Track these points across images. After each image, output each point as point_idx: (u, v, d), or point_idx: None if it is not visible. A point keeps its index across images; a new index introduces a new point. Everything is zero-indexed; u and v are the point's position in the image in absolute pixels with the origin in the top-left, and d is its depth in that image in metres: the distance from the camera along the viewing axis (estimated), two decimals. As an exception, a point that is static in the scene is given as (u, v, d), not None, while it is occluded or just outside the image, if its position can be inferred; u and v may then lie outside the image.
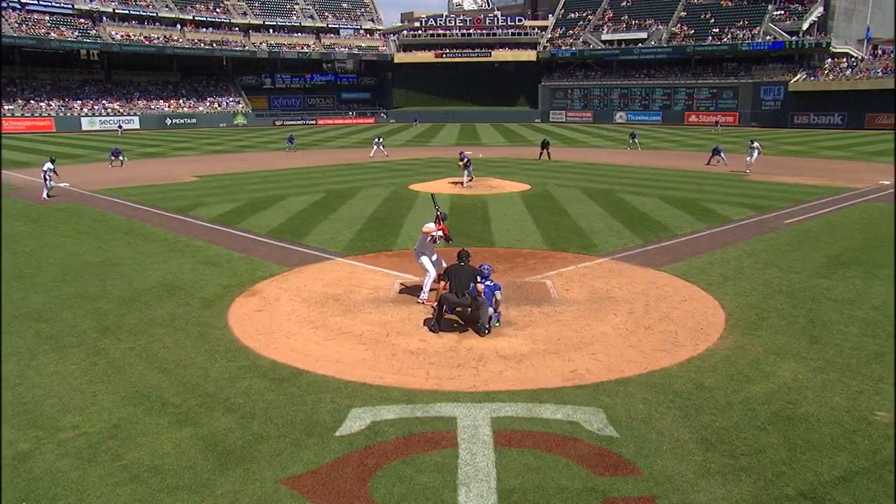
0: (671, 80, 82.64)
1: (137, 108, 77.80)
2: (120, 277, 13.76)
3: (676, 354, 9.45)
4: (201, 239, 17.54)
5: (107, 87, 79.53)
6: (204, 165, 37.45)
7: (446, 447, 6.99)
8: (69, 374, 8.92)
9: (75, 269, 14.43)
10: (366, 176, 31.71)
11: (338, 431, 7.32)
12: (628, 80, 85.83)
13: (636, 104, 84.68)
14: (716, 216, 20.42)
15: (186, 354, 9.58)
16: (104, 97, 77.06)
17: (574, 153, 44.30)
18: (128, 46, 77.83)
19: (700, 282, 13.12)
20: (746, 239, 17.16)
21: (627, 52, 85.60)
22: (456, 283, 10.44)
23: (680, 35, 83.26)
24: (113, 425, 7.48)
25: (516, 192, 25.95)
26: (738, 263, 14.62)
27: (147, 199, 24.25)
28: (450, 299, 10.44)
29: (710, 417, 7.60)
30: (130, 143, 52.82)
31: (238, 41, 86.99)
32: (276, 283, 13.26)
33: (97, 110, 74.33)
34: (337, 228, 18.79)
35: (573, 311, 11.40)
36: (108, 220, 20.50)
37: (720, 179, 29.63)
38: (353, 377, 8.71)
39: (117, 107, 76.33)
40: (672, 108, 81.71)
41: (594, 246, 16.43)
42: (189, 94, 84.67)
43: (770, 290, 12.54)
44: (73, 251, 16.23)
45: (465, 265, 10.69)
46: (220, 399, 8.12)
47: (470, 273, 10.52)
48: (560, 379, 8.66)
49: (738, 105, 76.96)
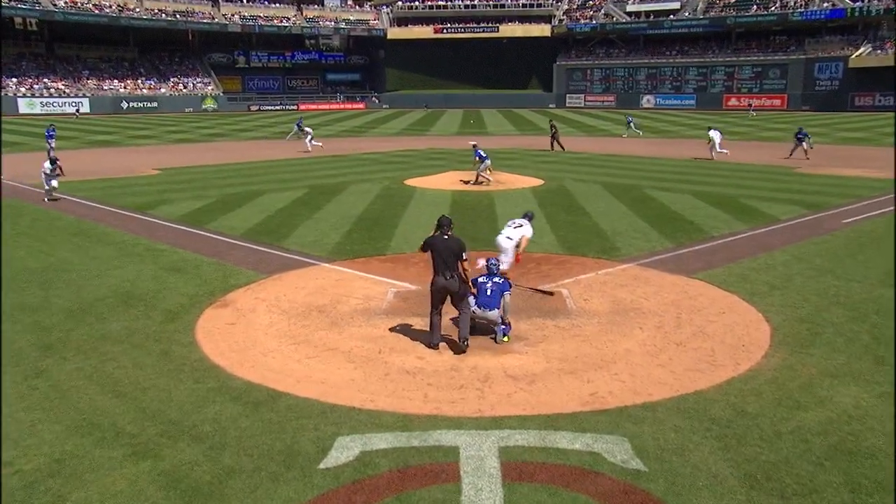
0: (708, 58, 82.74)
1: (87, 89, 77.96)
2: (66, 286, 13.77)
3: (713, 375, 9.45)
4: (164, 241, 17.56)
5: (49, 62, 79.54)
6: (167, 156, 37.50)
7: (447, 481, 6.99)
8: (2, 400, 8.91)
9: (11, 277, 14.43)
10: (355, 169, 31.78)
11: (322, 463, 7.32)
12: (657, 59, 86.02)
13: (666, 86, 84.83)
14: (759, 215, 20.45)
15: (146, 375, 9.59)
16: (46, 75, 77.00)
17: (594, 143, 44.40)
18: (73, 16, 77.65)
19: (741, 291, 13.12)
20: (796, 241, 17.18)
21: (657, 25, 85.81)
22: (440, 261, 10.13)
23: (719, 4, 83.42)
24: (55, 460, 7.45)
25: (528, 188, 25.99)
26: (786, 270, 14.63)
27: (100, 196, 24.30)
28: (437, 284, 10.14)
29: (754, 450, 7.59)
30: (79, 129, 52.92)
31: (206, 12, 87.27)
32: (251, 293, 13.27)
33: (37, 90, 74.27)
34: (322, 229, 18.83)
35: (593, 325, 11.40)
36: (52, 219, 20.54)
37: (765, 173, 29.69)
38: (339, 400, 8.71)
39: (62, 87, 76.38)
40: (708, 89, 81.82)
41: (617, 249, 16.45)
42: (149, 73, 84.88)
43: (825, 302, 12.54)
44: (10, 255, 16.24)
45: (451, 237, 10.35)
46: (186, 427, 8.12)
47: (458, 246, 10.19)
48: (578, 403, 8.66)
49: (786, 85, 76.72)
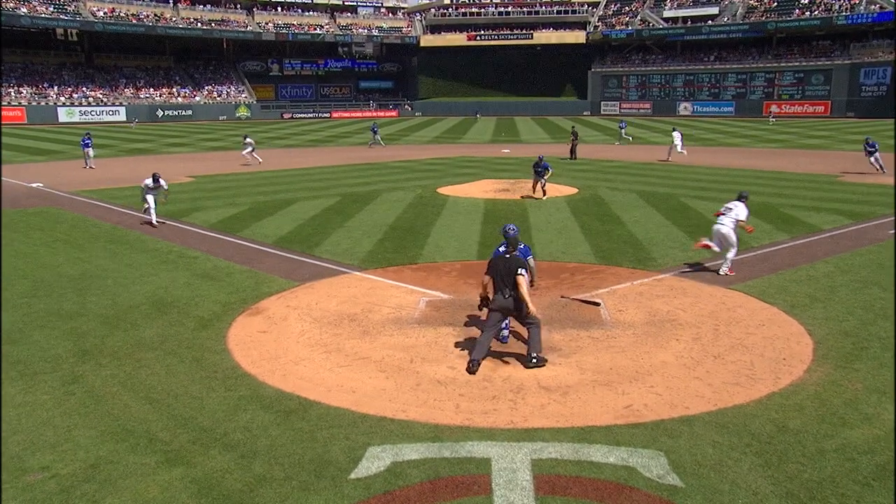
0: (747, 64, 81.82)
1: (124, 98, 79.37)
2: (102, 293, 14.00)
3: (753, 390, 9.31)
4: (198, 249, 17.79)
5: (88, 72, 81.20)
6: (201, 164, 38.01)
7: (478, 494, 6.96)
8: (40, 405, 9.05)
9: (49, 283, 14.72)
10: (387, 177, 31.93)
11: (353, 473, 7.33)
12: (695, 65, 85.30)
13: (704, 93, 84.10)
14: (801, 224, 20.14)
15: (179, 382, 9.70)
16: (85, 84, 78.60)
17: (629, 151, 44.11)
18: (112, 25, 79.29)
19: (781, 303, 12.92)
20: (840, 252, 16.89)
21: (695, 30, 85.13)
22: (499, 279, 10.01)
23: (759, 9, 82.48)
24: (90, 465, 7.57)
25: (561, 197, 25.89)
26: (829, 281, 14.38)
27: (135, 203, 24.63)
28: (494, 302, 10.05)
29: (796, 467, 7.45)
30: (116, 137, 53.84)
31: (241, 21, 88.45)
32: (283, 301, 13.38)
33: (77, 99, 75.85)
34: (354, 238, 18.92)
35: (628, 336, 11.31)
36: (89, 226, 20.91)
37: (806, 181, 29.26)
38: (371, 410, 8.73)
39: (100, 95, 77.87)
40: (748, 96, 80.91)
41: (653, 260, 16.31)
42: (184, 81, 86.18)
43: (871, 315, 12.29)
44: (48, 262, 16.57)
45: (512, 255, 10.15)
46: (217, 435, 8.19)
47: (515, 264, 10.00)
48: (612, 416, 8.58)
49: (830, 92, 75.42)
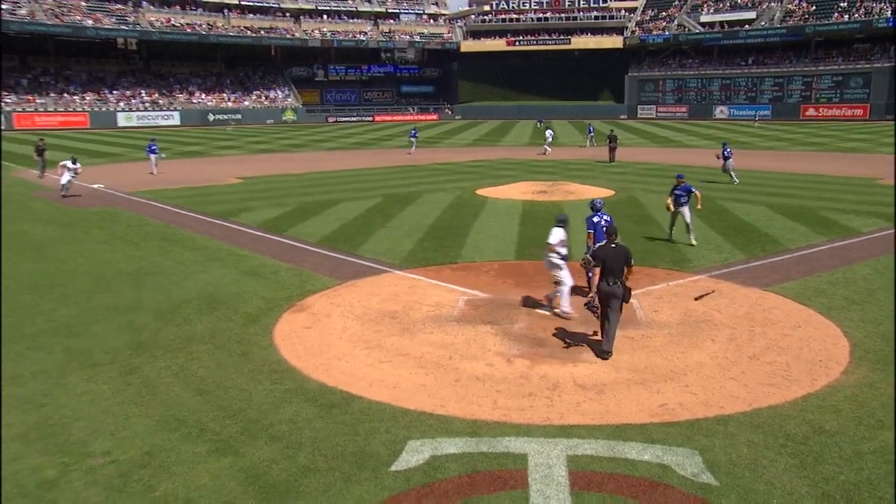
0: (784, 68, 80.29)
1: (178, 103, 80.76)
2: (156, 288, 14.26)
3: (788, 391, 9.15)
4: (245, 247, 18.00)
5: (145, 78, 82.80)
6: (249, 166, 38.49)
7: (515, 488, 6.95)
8: (100, 394, 9.28)
9: (108, 279, 15.04)
10: (427, 179, 31.99)
11: (393, 466, 7.37)
12: (731, 69, 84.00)
13: (741, 96, 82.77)
14: (839, 227, 19.72)
15: (227, 375, 9.84)
16: (142, 89, 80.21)
17: (666, 154, 43.62)
18: (168, 34, 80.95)
19: (818, 305, 12.67)
20: (878, 255, 16.50)
21: (731, 35, 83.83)
22: (608, 269, 10.25)
23: (798, 13, 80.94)
24: (146, 452, 7.73)
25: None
26: (866, 284, 14.06)
27: (187, 203, 25.08)
28: (602, 290, 10.28)
29: (833, 468, 7.30)
30: (171, 140, 54.74)
31: (288, 28, 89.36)
32: (326, 298, 13.48)
33: (134, 104, 77.44)
34: (395, 237, 19.00)
35: (663, 336, 11.20)
36: (143, 225, 21.30)
37: (845, 184, 28.63)
38: (410, 405, 8.76)
39: (156, 100, 79.38)
40: (785, 100, 79.41)
41: (688, 261, 16.11)
42: (234, 86, 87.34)
43: (907, 317, 11.99)
44: (106, 259, 16.91)
45: (619, 246, 10.56)
46: (264, 426, 8.30)
47: (624, 256, 10.37)
48: (647, 414, 8.51)
49: (869, 95, 73.62)
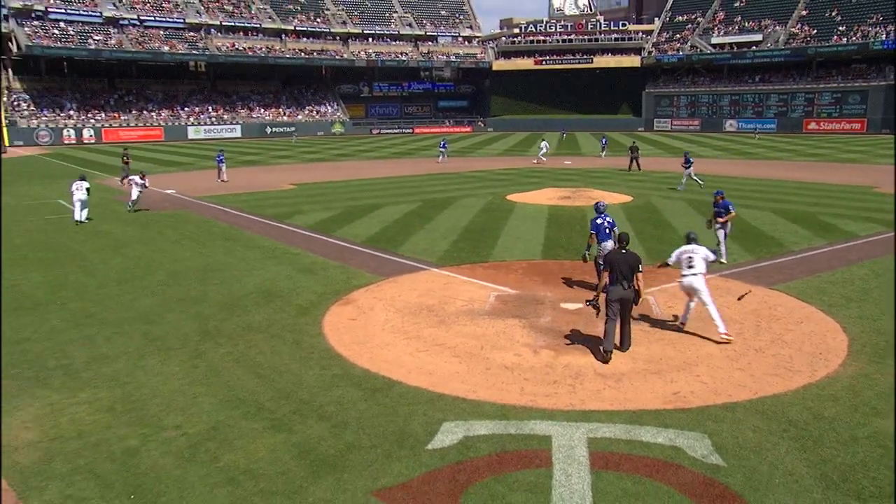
0: (788, 85, 78.83)
1: (240, 117, 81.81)
2: (220, 283, 14.46)
3: (790, 380, 8.99)
4: (298, 246, 18.18)
5: (211, 96, 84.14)
6: (302, 173, 38.81)
7: (540, 466, 6.93)
8: (172, 375, 9.46)
9: (179, 274, 15.29)
10: (462, 185, 31.97)
11: (429, 445, 7.39)
12: (740, 86, 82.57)
13: (748, 111, 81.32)
14: (838, 231, 19.30)
15: (282, 361, 9.95)
16: (209, 106, 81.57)
17: (679, 163, 42.95)
18: (232, 57, 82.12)
19: (819, 303, 12.43)
20: (875, 257, 16.13)
21: (740, 55, 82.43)
22: (618, 273, 9.88)
23: (800, 36, 79.36)
24: (211, 427, 7.86)
25: (617, 204, 25.42)
26: (863, 284, 13.75)
27: (247, 207, 25.38)
28: (615, 293, 9.85)
29: (831, 451, 7.16)
30: (234, 151, 55.43)
31: (337, 50, 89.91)
32: (370, 293, 13.56)
33: (202, 119, 78.82)
34: (432, 238, 19.02)
35: (677, 330, 11.07)
36: (209, 226, 21.61)
37: (844, 192, 28.00)
38: (445, 390, 8.78)
39: (221, 115, 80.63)
40: (789, 114, 77.89)
41: (701, 261, 15.86)
42: (289, 102, 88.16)
43: (901, 314, 11.69)
44: (178, 256, 17.20)
45: (629, 252, 10.18)
46: (314, 407, 8.37)
47: (633, 262, 9.95)
48: (661, 401, 8.42)
49: (866, 110, 72.14)
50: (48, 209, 25.46)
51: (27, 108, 69.84)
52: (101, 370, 9.63)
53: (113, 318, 12.08)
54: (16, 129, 66.15)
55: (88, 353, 10.34)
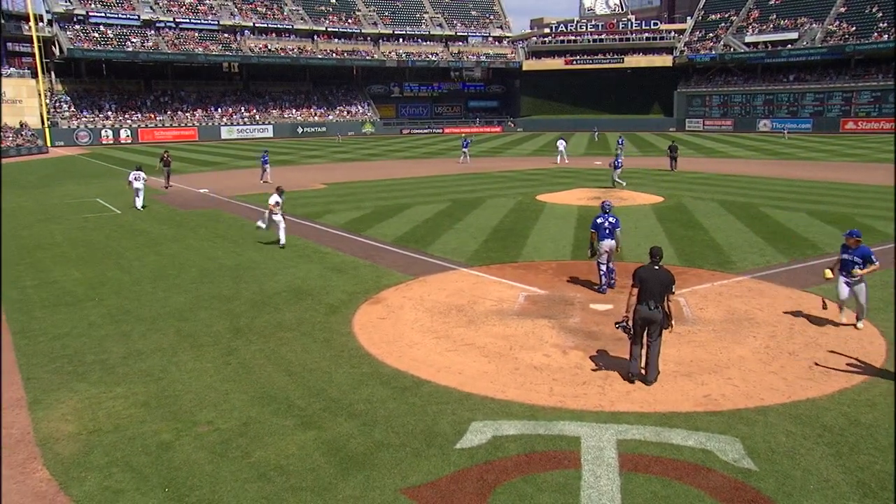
0: (825, 84, 77.23)
1: (272, 118, 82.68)
2: (252, 281, 14.63)
3: (825, 385, 8.81)
4: (329, 245, 18.30)
5: (244, 96, 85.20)
6: (332, 173, 39.08)
7: (569, 467, 6.89)
8: (205, 371, 9.60)
9: (212, 272, 15.50)
10: (491, 185, 31.92)
11: (458, 444, 7.39)
12: (774, 85, 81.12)
13: (783, 111, 79.88)
14: (875, 233, 18.86)
15: (312, 359, 10.03)
16: (241, 106, 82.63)
17: (712, 164, 42.45)
18: (265, 58, 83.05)
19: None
20: (912, 260, 15.72)
21: (774, 54, 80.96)
22: (647, 291, 8.78)
23: (838, 33, 77.69)
24: (243, 423, 7.96)
25: (648, 205, 25.19)
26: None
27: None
28: (640, 313, 8.80)
29: (868, 458, 7.00)
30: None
31: (368, 51, 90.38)
32: (400, 292, 13.60)
33: (235, 119, 79.87)
34: (462, 238, 19.01)
35: (708, 332, 10.93)
36: (241, 225, 21.86)
37: (882, 193, 27.36)
38: (474, 390, 8.77)
39: (254, 115, 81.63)
40: (825, 114, 76.31)
41: (732, 263, 15.67)
42: (320, 103, 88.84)
43: (940, 319, 11.40)
44: (211, 254, 17.43)
45: (661, 269, 8.96)
46: (344, 405, 8.43)
47: (667, 281, 8.85)
48: (692, 403, 8.32)
49: (907, 109, 70.29)
50: (87, 207, 26.00)
51: (68, 110, 71.51)
52: (136, 365, 9.82)
53: (148, 314, 12.30)
54: (57, 130, 67.84)
55: (124, 348, 10.55)
